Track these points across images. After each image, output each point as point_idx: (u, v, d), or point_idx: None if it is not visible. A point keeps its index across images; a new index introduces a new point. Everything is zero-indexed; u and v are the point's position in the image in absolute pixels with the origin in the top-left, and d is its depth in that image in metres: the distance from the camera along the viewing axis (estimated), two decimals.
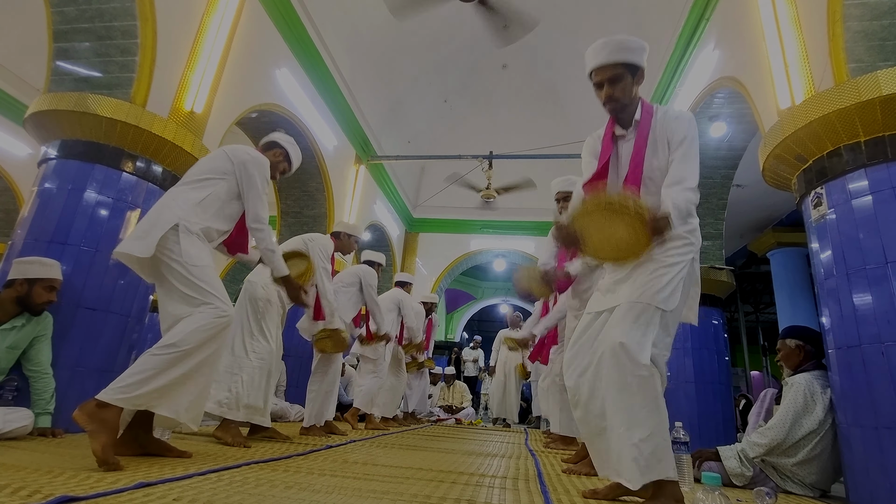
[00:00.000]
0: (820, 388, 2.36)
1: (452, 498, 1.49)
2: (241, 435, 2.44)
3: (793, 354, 2.56)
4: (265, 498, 1.29)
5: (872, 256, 2.16)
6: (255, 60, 4.02)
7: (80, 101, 2.78)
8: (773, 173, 2.82)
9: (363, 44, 5.61)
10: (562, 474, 2.23)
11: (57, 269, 2.43)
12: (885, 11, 2.34)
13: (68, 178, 2.77)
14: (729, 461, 2.35)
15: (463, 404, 7.12)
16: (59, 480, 1.30)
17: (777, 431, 2.28)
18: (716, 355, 4.44)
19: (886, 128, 2.21)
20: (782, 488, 2.30)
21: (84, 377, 2.60)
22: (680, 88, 4.54)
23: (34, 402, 2.29)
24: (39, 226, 2.68)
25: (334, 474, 1.75)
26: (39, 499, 1.07)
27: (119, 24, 2.95)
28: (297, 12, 4.47)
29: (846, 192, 2.32)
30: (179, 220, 1.82)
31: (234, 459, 1.89)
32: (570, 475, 2.19)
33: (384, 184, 7.43)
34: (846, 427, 2.18)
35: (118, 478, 1.38)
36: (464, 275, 11.34)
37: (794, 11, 2.77)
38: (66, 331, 2.55)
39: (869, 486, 2.03)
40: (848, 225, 2.29)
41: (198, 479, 1.47)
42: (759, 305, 11.47)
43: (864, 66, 2.34)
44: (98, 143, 2.82)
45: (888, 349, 2.03)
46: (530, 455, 2.94)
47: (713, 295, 4.61)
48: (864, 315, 2.15)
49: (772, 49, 2.88)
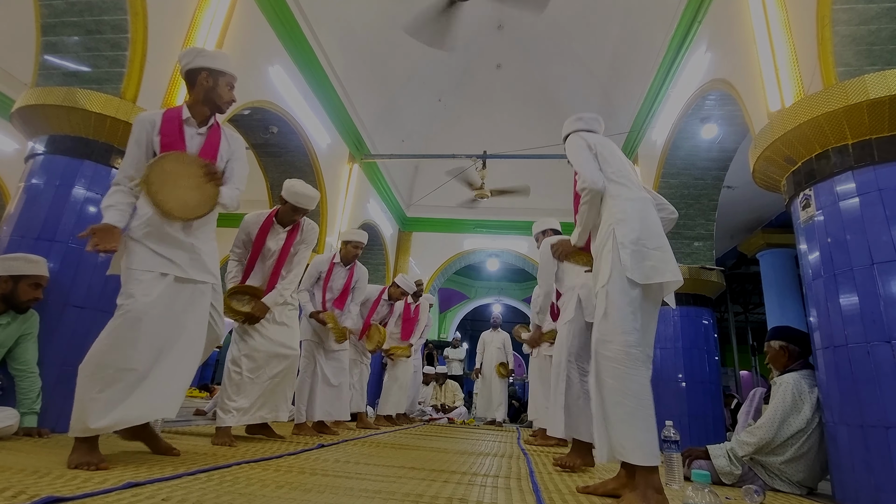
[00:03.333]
0: (807, 388, 2.40)
1: (444, 497, 1.49)
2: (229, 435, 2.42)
3: (779, 355, 2.59)
4: (255, 497, 1.28)
5: (859, 257, 2.19)
6: (247, 57, 3.99)
7: (69, 95, 2.74)
8: (762, 175, 2.85)
9: (357, 41, 5.58)
10: (553, 473, 2.24)
11: (43, 266, 2.39)
12: (872, 16, 2.37)
13: (56, 174, 2.73)
14: (718, 460, 2.38)
15: (455, 403, 7.13)
16: (46, 481, 1.28)
17: (766, 430, 2.31)
18: (706, 355, 4.49)
19: (873, 131, 2.24)
20: (770, 486, 2.33)
21: (71, 376, 2.52)
22: (672, 90, 4.58)
23: (20, 402, 2.26)
24: (26, 222, 2.64)
25: (326, 473, 1.74)
26: (25, 499, 1.06)
27: (109, 19, 2.91)
28: (290, 9, 4.44)
29: (834, 194, 2.35)
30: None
31: (225, 459, 1.88)
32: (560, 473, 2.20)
33: (378, 182, 7.41)
34: (833, 426, 2.21)
35: (106, 478, 1.36)
36: (457, 274, 11.34)
37: (784, 15, 2.80)
38: (53, 329, 2.51)
39: (854, 484, 2.06)
40: (835, 226, 2.32)
41: (187, 478, 1.45)
42: (748, 306, 11.60)
43: (852, 70, 2.38)
44: (87, 138, 2.78)
45: (874, 349, 2.06)
46: (522, 454, 2.94)
47: (703, 295, 4.66)
48: (851, 315, 2.18)
49: (762, 52, 2.91)
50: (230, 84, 2.00)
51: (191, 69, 1.94)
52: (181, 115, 1.92)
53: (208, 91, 1.94)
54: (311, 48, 4.89)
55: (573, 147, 2.01)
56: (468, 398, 7.79)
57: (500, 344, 6.66)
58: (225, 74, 1.97)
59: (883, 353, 2.03)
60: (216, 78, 1.95)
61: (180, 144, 1.86)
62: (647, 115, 5.25)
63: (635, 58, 5.27)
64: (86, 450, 1.57)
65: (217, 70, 1.95)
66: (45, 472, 1.38)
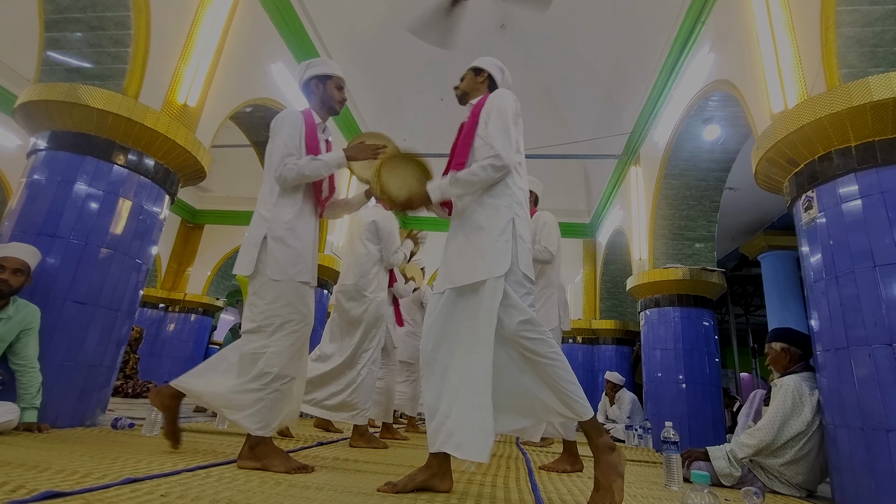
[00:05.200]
0: (808, 390, 2.39)
1: (444, 495, 1.48)
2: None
3: (780, 357, 2.59)
4: (254, 494, 1.28)
5: (861, 260, 2.18)
6: (250, 54, 3.99)
7: (72, 91, 2.74)
8: (765, 176, 2.84)
9: (359, 40, 5.58)
10: (552, 473, 2.24)
11: (16, 250, 2.35)
12: (877, 18, 2.37)
13: (58, 170, 2.73)
14: (718, 461, 2.38)
15: None
16: (45, 476, 1.28)
17: (766, 432, 2.30)
18: (706, 356, 4.48)
19: (876, 133, 2.23)
20: (770, 488, 2.32)
21: (72, 372, 2.56)
22: (675, 91, 4.57)
23: (20, 397, 2.26)
24: (28, 218, 2.64)
25: (325, 470, 1.74)
26: (24, 494, 1.06)
27: (112, 15, 2.91)
28: (293, 7, 4.44)
29: (836, 196, 2.34)
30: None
31: (224, 455, 1.88)
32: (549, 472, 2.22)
33: None
34: (833, 428, 2.21)
35: (105, 473, 1.37)
36: None
37: (788, 16, 2.79)
38: (54, 324, 2.51)
39: (854, 487, 2.06)
40: (837, 228, 2.31)
41: (186, 474, 1.45)
42: (749, 308, 11.58)
43: (856, 72, 2.37)
44: (89, 134, 2.79)
45: (875, 351, 2.05)
46: (521, 454, 2.94)
47: (704, 296, 4.65)
48: (852, 317, 2.17)
49: (766, 53, 2.90)
50: (338, 85, 2.13)
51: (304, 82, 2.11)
52: (314, 120, 2.04)
53: (321, 96, 2.10)
54: (314, 46, 4.89)
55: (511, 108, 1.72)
56: None
57: None
58: (332, 77, 2.11)
59: (884, 355, 2.02)
60: (324, 82, 2.10)
61: (317, 147, 1.99)
62: (649, 115, 5.24)
63: (638, 58, 5.26)
64: (283, 454, 1.73)
65: (324, 75, 2.10)
66: (45, 467, 1.38)
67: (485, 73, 1.96)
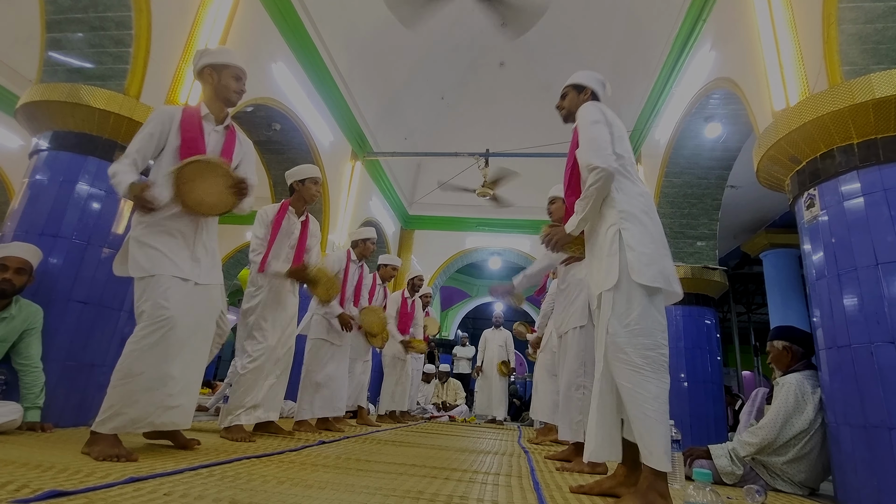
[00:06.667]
0: (810, 388, 2.39)
1: (445, 494, 1.49)
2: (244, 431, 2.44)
3: (781, 356, 2.58)
4: (257, 493, 1.29)
5: (863, 258, 2.18)
6: (250, 54, 3.99)
7: (73, 91, 2.74)
8: (766, 174, 2.84)
9: (360, 39, 5.58)
10: (554, 471, 2.24)
11: (18, 249, 2.35)
12: (879, 15, 2.36)
13: (60, 170, 2.73)
14: (720, 459, 2.38)
15: (457, 401, 7.14)
16: (49, 475, 1.28)
17: (768, 431, 2.30)
18: (708, 355, 4.48)
19: (879, 130, 2.22)
20: (772, 486, 2.32)
21: (74, 371, 2.57)
22: (676, 89, 4.56)
23: (23, 397, 2.26)
24: (30, 218, 2.65)
25: (327, 469, 1.74)
26: (28, 493, 1.06)
27: (113, 15, 2.91)
28: (293, 6, 4.44)
29: (838, 193, 2.34)
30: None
31: (226, 454, 1.89)
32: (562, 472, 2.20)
33: (380, 180, 7.41)
34: (835, 426, 2.20)
35: (108, 472, 1.37)
36: (459, 272, 11.33)
37: (789, 14, 2.78)
38: (57, 324, 2.52)
39: (857, 485, 2.06)
40: (839, 226, 2.31)
41: (189, 473, 1.46)
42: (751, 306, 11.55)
43: (858, 69, 2.36)
44: (91, 134, 2.79)
45: (877, 349, 2.05)
46: (523, 452, 2.95)
47: (706, 295, 4.64)
48: (855, 315, 2.17)
49: (767, 51, 2.89)
50: (236, 75, 2.06)
51: (198, 71, 2.04)
52: (200, 112, 1.98)
53: (215, 85, 2.02)
54: (315, 45, 4.89)
55: (590, 116, 1.73)
56: (470, 396, 7.81)
57: (502, 342, 6.67)
58: (228, 67, 2.04)
59: (886, 353, 2.02)
60: (220, 71, 2.03)
61: (200, 141, 1.91)
62: (650, 113, 5.23)
63: (639, 56, 5.25)
64: (111, 442, 1.63)
65: (219, 64, 2.03)
66: (49, 467, 1.38)
67: (588, 90, 1.93)
